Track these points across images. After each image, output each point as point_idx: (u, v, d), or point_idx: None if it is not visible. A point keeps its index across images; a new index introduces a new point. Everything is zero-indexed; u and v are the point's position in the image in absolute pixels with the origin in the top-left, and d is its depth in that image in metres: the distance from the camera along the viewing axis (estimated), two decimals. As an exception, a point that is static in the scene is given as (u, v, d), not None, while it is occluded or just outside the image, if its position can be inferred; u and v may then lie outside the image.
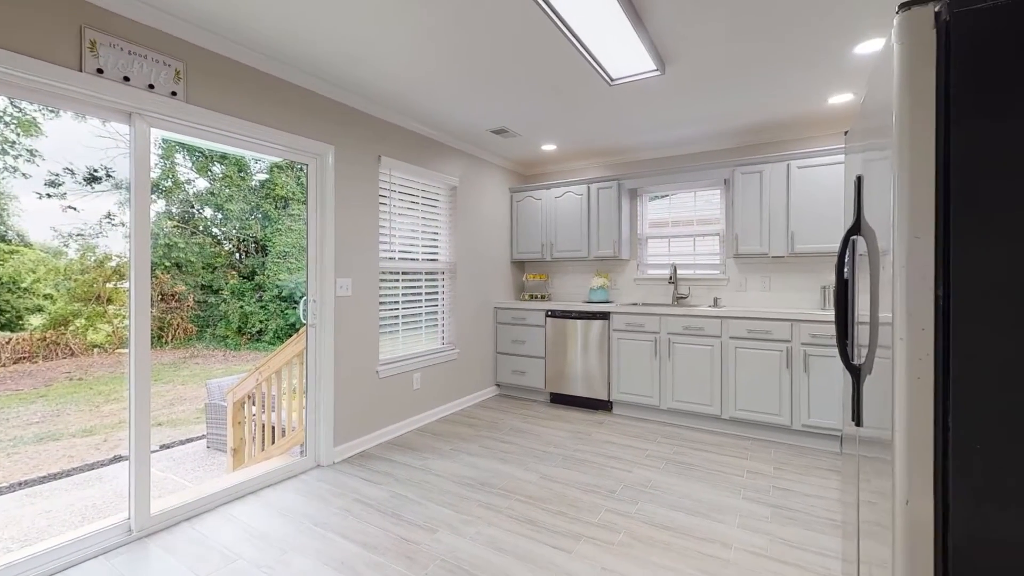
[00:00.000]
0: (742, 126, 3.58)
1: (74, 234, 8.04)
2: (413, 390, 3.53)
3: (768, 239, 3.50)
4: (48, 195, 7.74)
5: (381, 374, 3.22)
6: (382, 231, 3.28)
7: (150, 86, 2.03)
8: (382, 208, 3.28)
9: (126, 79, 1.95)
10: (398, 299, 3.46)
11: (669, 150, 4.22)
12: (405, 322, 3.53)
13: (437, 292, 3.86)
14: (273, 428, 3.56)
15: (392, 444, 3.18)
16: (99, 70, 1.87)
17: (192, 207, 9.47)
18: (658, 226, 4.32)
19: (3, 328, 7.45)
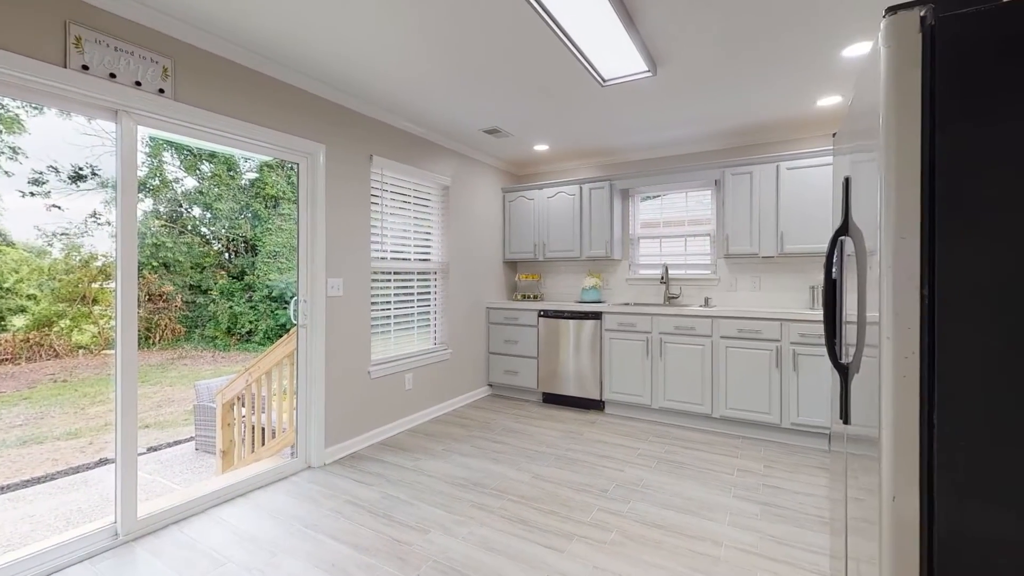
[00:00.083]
0: (732, 127, 3.62)
1: (58, 233, 7.90)
2: (405, 390, 3.52)
3: (758, 239, 3.53)
4: (31, 193, 7.60)
5: (373, 374, 3.21)
6: (374, 231, 3.26)
7: (137, 83, 2.00)
8: (374, 208, 3.27)
9: (112, 76, 1.92)
10: (390, 299, 3.44)
11: (661, 151, 4.25)
12: (397, 322, 3.52)
13: (429, 292, 3.85)
14: (263, 430, 3.52)
15: (384, 445, 3.17)
16: (84, 66, 1.84)
17: (180, 206, 9.35)
18: (650, 226, 4.34)
19: (-15, 329, 7.29)
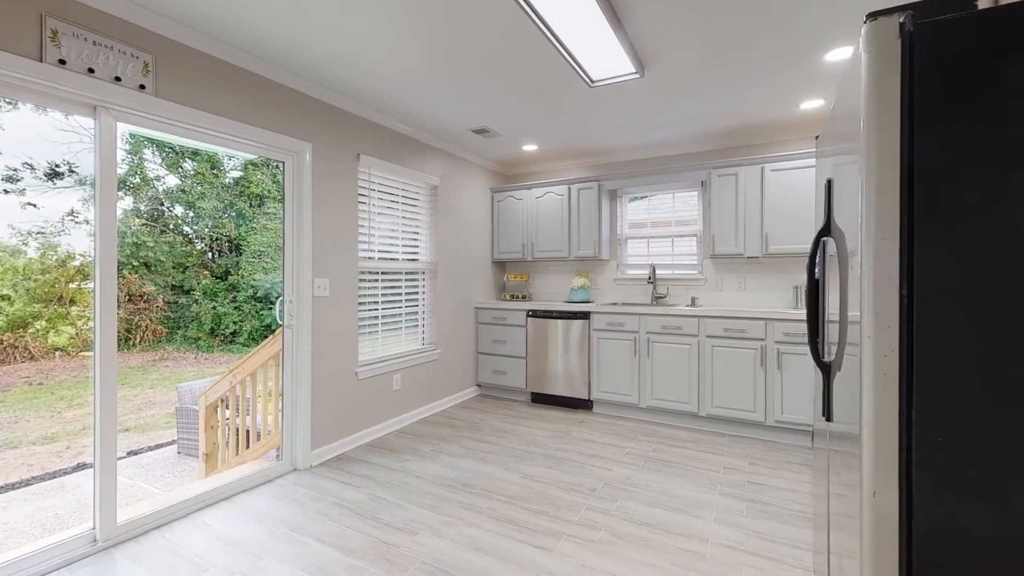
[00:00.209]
0: (718, 129, 3.66)
1: (34, 232, 7.67)
2: (393, 391, 3.49)
3: (743, 240, 3.58)
4: (5, 191, 7.37)
5: (360, 375, 3.18)
6: (361, 230, 3.23)
7: (116, 78, 1.95)
8: (361, 207, 3.24)
9: (91, 71, 1.87)
10: (378, 299, 3.42)
11: (648, 152, 4.28)
12: (385, 323, 3.49)
13: (417, 292, 3.83)
14: (248, 432, 3.47)
15: (371, 446, 3.14)
16: (61, 61, 1.79)
17: (162, 204, 9.15)
18: (637, 227, 4.38)
19: (-45, 331, 7.05)
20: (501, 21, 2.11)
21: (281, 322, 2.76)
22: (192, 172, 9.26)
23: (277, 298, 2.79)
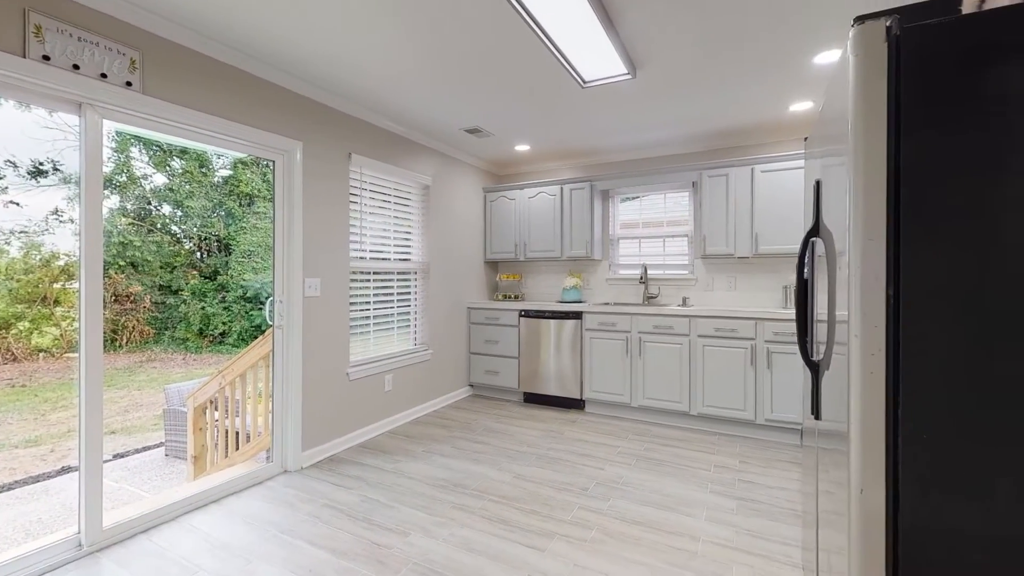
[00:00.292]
0: (709, 130, 3.69)
1: (17, 231, 7.52)
2: (385, 392, 3.47)
3: (734, 240, 3.62)
4: (-13, 189, 7.21)
5: (352, 376, 3.16)
6: (352, 230, 3.21)
7: (102, 75, 1.92)
8: (352, 207, 3.21)
9: (75, 67, 1.84)
10: (369, 299, 3.40)
11: (640, 152, 4.30)
12: (377, 323, 3.47)
13: (409, 292, 3.81)
14: (237, 434, 3.43)
15: (363, 447, 3.12)
16: (45, 57, 1.76)
17: (149, 203, 9.02)
18: (629, 227, 4.40)
19: (-65, 332, 6.90)
20: (494, 21, 2.11)
21: (271, 322, 2.73)
22: (180, 171, 9.14)
23: (267, 298, 2.77)
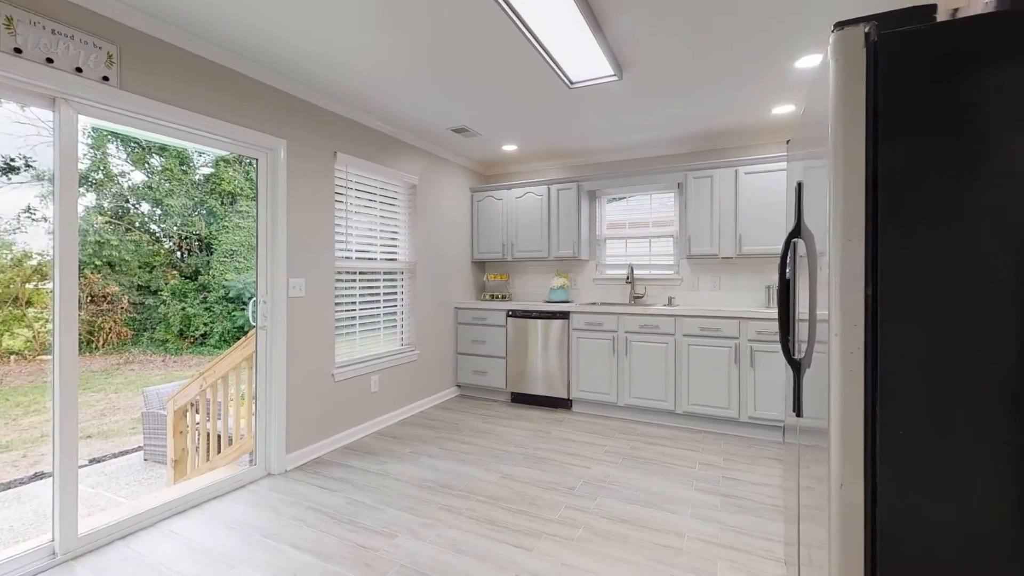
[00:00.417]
0: (694, 132, 3.74)
1: (-14, 229, 7.26)
2: (371, 393, 3.44)
3: (718, 241, 3.67)
4: (-46, 186, 6.94)
5: (337, 377, 3.12)
6: (338, 229, 3.18)
7: (78, 69, 1.86)
8: (338, 206, 3.18)
9: (49, 61, 1.78)
10: (355, 300, 3.36)
11: (626, 153, 4.34)
12: (363, 323, 3.44)
13: (396, 292, 3.78)
14: (219, 437, 3.36)
15: (349, 449, 3.09)
16: (17, 49, 1.70)
17: (127, 202, 8.79)
18: (616, 227, 4.43)
19: (-102, 334, 6.61)
20: (482, 21, 2.11)
21: (254, 323, 2.68)
22: (160, 168, 8.93)
23: (250, 299, 2.72)
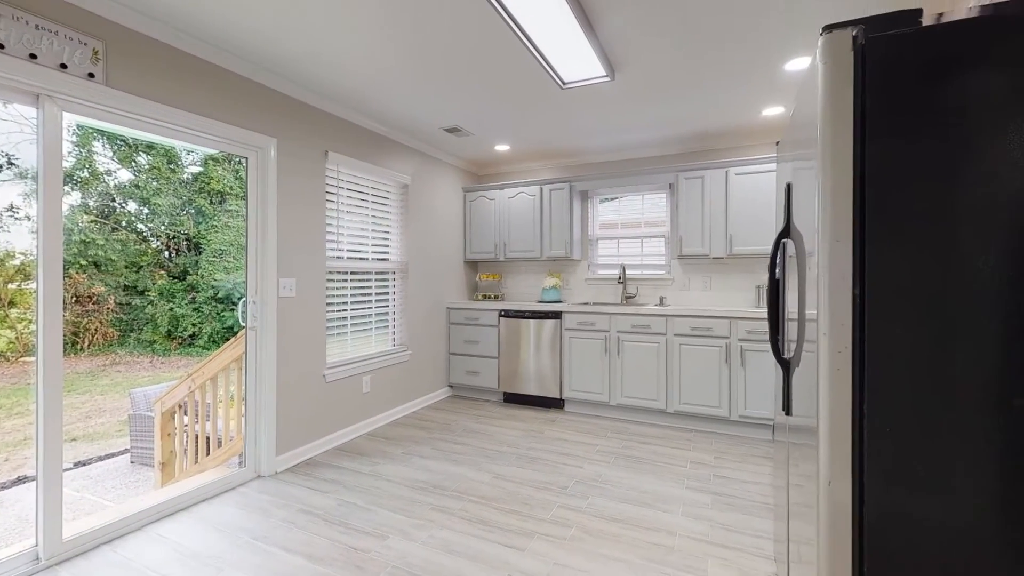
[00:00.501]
0: (685, 133, 3.76)
1: (-33, 228, 7.10)
2: (363, 393, 3.42)
3: (709, 241, 3.70)
4: (-66, 183, 6.79)
5: (328, 378, 3.10)
6: (329, 229, 3.15)
7: (62, 65, 1.83)
8: (329, 205, 3.15)
9: (32, 56, 1.75)
10: (347, 300, 3.34)
11: (618, 154, 4.36)
12: (354, 323, 3.41)
13: (388, 292, 3.76)
14: (208, 439, 3.32)
15: (340, 450, 3.07)
16: (-1, 44, 1.67)
17: (113, 200, 8.65)
18: (608, 227, 4.45)
19: None
20: (475, 21, 2.10)
21: (244, 324, 2.66)
22: (147, 167, 8.80)
23: (240, 299, 2.69)
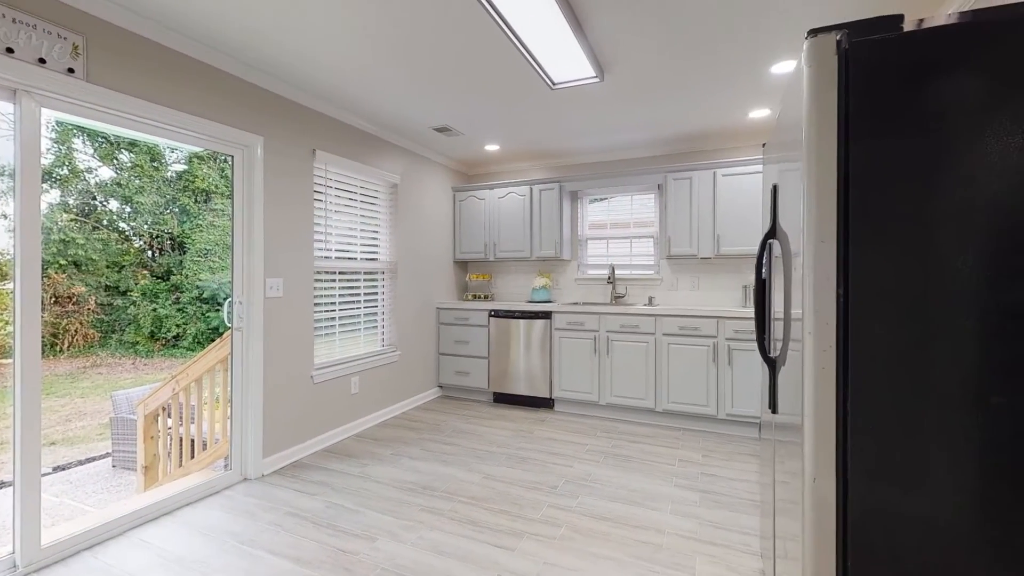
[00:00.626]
0: (674, 135, 3.80)
1: (-60, 227, 6.89)
2: (351, 395, 3.39)
3: (697, 241, 3.74)
4: (-95, 180, 6.57)
5: (316, 379, 3.07)
6: (317, 228, 3.12)
7: (41, 60, 1.78)
8: (317, 204, 3.12)
9: (9, 51, 1.70)
10: (335, 300, 3.31)
11: (608, 155, 4.38)
12: (343, 324, 3.38)
13: (377, 293, 3.74)
14: (192, 442, 3.27)
15: (328, 452, 3.04)
16: (-27, 37, 1.62)
17: (94, 199, 8.47)
18: (597, 228, 4.47)
19: None
20: (464, 20, 2.10)
21: (230, 324, 2.62)
22: (129, 164, 8.63)
23: (225, 299, 2.65)
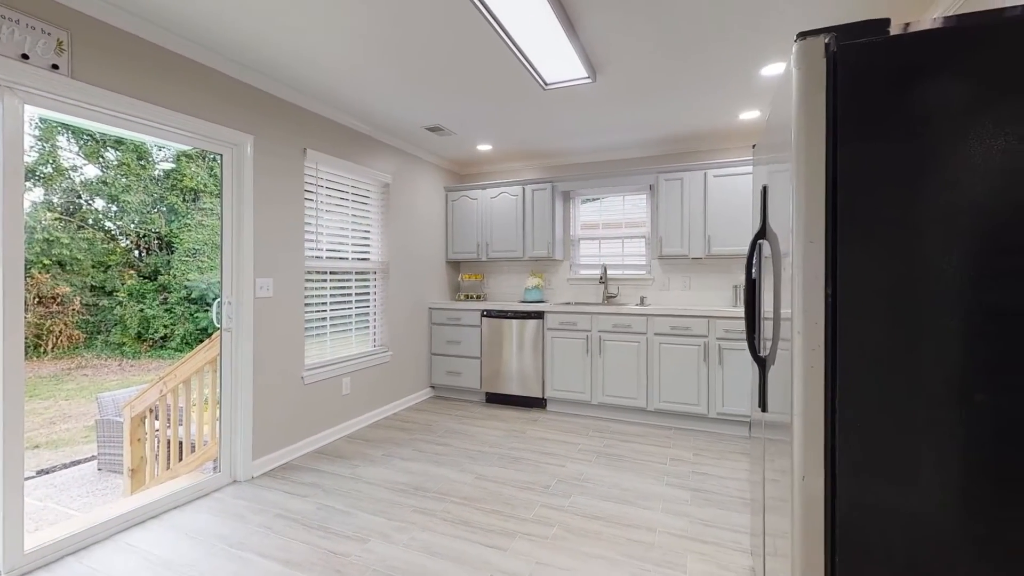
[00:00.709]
0: (665, 135, 3.82)
1: (-81, 225, 6.73)
2: (343, 395, 3.37)
3: (688, 242, 3.76)
4: None
5: (307, 380, 3.04)
6: (308, 228, 3.09)
7: (24, 56, 1.75)
8: (308, 204, 3.10)
9: (-9, 45, 1.67)
10: (326, 300, 3.28)
11: (600, 155, 4.40)
12: (334, 324, 3.36)
13: (368, 293, 3.72)
14: (180, 444, 3.23)
15: (319, 453, 3.01)
16: (-47, 32, 1.59)
17: (79, 197, 8.33)
18: (589, 228, 4.49)
19: None
20: (456, 20, 2.09)
21: (219, 325, 2.59)
22: (115, 162, 8.50)
23: (214, 299, 2.62)
